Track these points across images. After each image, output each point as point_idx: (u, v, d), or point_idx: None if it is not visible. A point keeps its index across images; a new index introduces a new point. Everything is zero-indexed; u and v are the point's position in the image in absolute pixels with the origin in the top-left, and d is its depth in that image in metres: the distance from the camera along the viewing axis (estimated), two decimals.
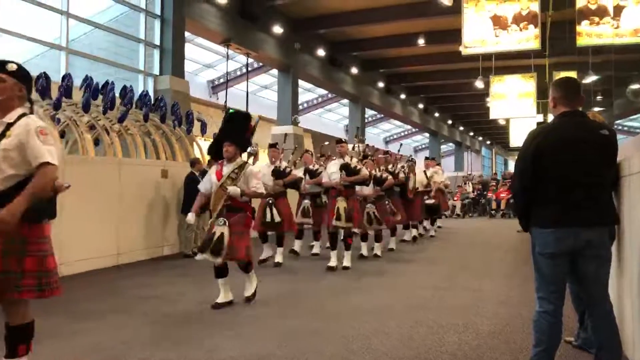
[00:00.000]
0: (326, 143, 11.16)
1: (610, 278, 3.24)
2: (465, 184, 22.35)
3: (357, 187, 7.91)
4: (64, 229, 6.55)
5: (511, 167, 46.50)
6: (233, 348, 4.06)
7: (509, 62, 18.54)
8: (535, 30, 13.10)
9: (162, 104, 10.44)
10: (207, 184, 5.45)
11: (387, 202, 9.08)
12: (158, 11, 12.88)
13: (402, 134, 36.67)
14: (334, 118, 29.50)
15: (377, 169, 9.04)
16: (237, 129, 5.38)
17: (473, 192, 21.52)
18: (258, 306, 5.40)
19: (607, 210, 3.20)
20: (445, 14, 15.04)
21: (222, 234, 5.09)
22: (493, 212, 19.91)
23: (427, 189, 11.96)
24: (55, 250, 3.04)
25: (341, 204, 7.45)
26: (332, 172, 7.68)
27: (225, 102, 14.38)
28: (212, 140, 6.80)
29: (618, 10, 12.88)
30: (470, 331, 4.53)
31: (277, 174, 7.88)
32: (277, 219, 7.68)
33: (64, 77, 8.65)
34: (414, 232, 11.28)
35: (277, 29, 16.10)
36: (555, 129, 3.24)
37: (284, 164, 8.24)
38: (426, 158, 13.96)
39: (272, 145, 8.42)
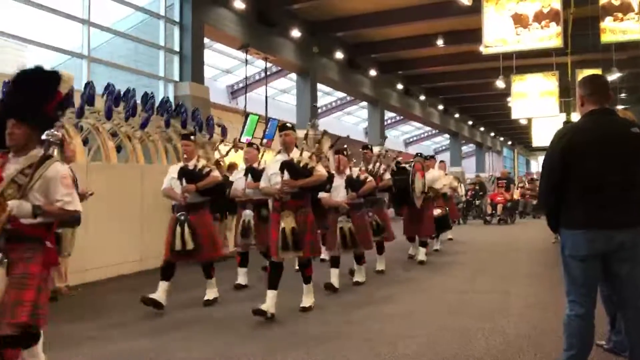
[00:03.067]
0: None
1: None
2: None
3: (325, 194, 6.14)
4: (88, 235, 6.61)
5: (533, 168, 45.95)
6: (262, 354, 4.04)
7: (530, 61, 18.29)
8: (557, 27, 12.91)
9: (182, 109, 10.51)
10: None
11: (369, 213, 6.87)
12: (177, 18, 12.98)
13: (422, 135, 36.43)
14: (352, 121, 29.43)
15: (362, 169, 7.05)
16: (29, 97, 3.09)
17: (466, 194, 18.25)
18: (282, 313, 5.38)
19: (639, 210, 3.11)
20: (465, 14, 14.88)
21: None
22: (488, 217, 17.09)
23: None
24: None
25: (287, 221, 5.08)
26: (272, 173, 5.31)
27: (245, 106, 14.42)
28: (230, 145, 6.80)
29: None
30: (498, 334, 4.45)
31: (187, 175, 5.53)
32: (190, 244, 5.34)
33: (86, 85, 8.74)
34: (422, 252, 8.50)
35: (295, 33, 16.12)
36: (583, 128, 3.16)
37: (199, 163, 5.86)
38: (420, 155, 9.11)
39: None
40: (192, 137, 5.85)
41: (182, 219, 5.41)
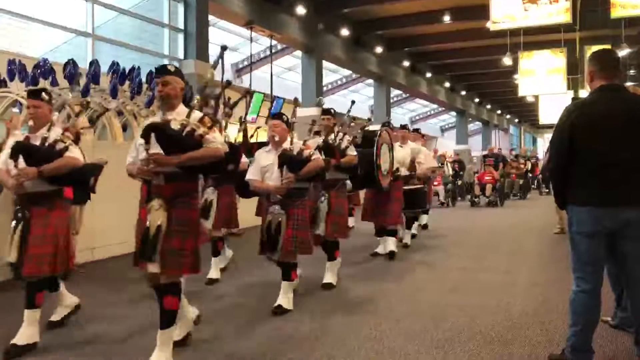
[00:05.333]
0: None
1: None
2: (443, 164, 16.30)
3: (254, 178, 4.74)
4: (94, 214, 6.65)
5: (540, 145, 45.71)
6: (279, 328, 4.09)
7: (538, 37, 18.05)
8: (565, 3, 12.75)
9: (187, 88, 10.47)
10: None
11: (321, 198, 5.24)
12: None
13: (428, 113, 36.21)
14: (358, 99, 29.18)
15: (308, 142, 5.22)
16: None
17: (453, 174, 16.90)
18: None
19: None
20: None
21: None
22: (476, 199, 15.57)
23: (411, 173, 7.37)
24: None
25: (155, 216, 3.35)
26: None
27: (250, 85, 14.36)
28: (238, 123, 6.63)
29: None
30: (504, 311, 4.47)
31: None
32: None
33: (91, 64, 8.70)
34: (391, 243, 6.98)
35: (300, 10, 15.94)
36: (592, 104, 3.13)
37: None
38: (387, 124, 7.08)
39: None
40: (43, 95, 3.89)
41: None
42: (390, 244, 7.01)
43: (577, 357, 3.11)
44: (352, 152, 5.47)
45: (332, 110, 5.74)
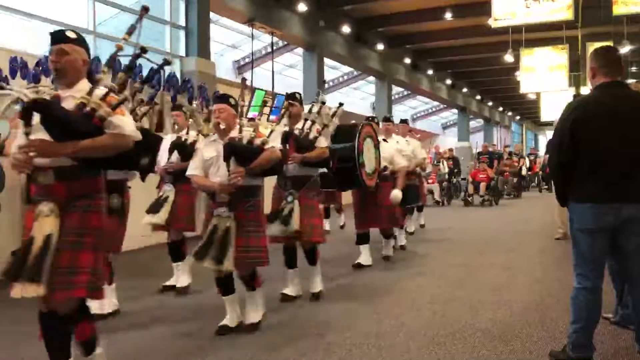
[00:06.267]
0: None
1: None
2: (439, 162, 15.78)
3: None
4: None
5: (542, 142, 45.64)
6: (279, 324, 4.10)
7: (539, 35, 18.01)
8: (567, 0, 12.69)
9: (189, 85, 10.48)
10: None
11: (287, 198, 4.54)
12: None
13: (430, 110, 36.17)
14: (360, 96, 29.24)
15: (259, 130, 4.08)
16: None
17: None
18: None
19: None
20: None
21: None
22: (470, 198, 14.89)
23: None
24: None
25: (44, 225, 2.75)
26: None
27: (252, 82, 14.34)
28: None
29: None
30: (505, 308, 4.48)
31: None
32: None
33: (92, 61, 8.71)
34: (388, 245, 6.62)
35: (301, 7, 15.92)
36: (593, 101, 3.13)
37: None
38: (370, 119, 6.70)
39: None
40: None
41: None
42: (387, 247, 6.58)
43: (578, 353, 3.11)
44: (322, 143, 4.68)
45: (297, 95, 4.92)
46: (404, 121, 8.20)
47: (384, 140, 6.57)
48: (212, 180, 3.83)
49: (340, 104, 5.25)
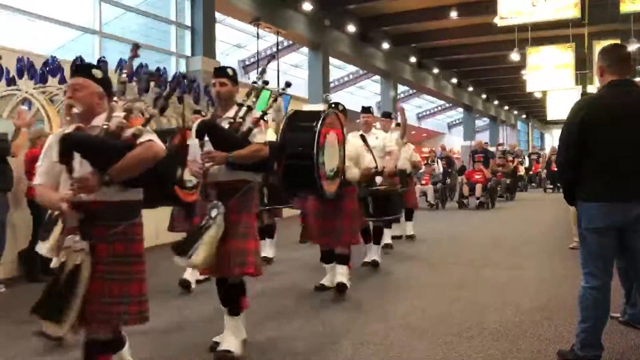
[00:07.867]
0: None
1: None
2: (433, 162, 14.73)
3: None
4: None
5: (548, 142, 45.45)
6: (285, 325, 4.10)
7: (545, 33, 17.94)
8: None
9: (195, 85, 10.51)
10: None
11: (214, 209, 3.38)
12: None
13: (435, 109, 36.11)
14: (365, 95, 29.22)
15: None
16: None
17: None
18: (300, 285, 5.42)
19: None
20: None
21: None
22: (465, 200, 13.72)
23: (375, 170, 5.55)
24: None
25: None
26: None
27: (255, 82, 14.34)
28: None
29: None
30: (511, 308, 4.46)
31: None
32: None
33: (98, 61, 8.73)
34: (341, 272, 4.92)
35: (307, 6, 15.92)
36: (602, 99, 3.12)
37: None
38: (335, 105, 5.07)
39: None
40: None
41: None
42: (339, 274, 4.91)
43: (586, 353, 3.09)
44: (258, 138, 3.52)
45: (229, 71, 3.72)
46: (387, 115, 7.15)
47: (361, 135, 5.50)
48: (53, 192, 2.58)
49: (288, 84, 4.13)
